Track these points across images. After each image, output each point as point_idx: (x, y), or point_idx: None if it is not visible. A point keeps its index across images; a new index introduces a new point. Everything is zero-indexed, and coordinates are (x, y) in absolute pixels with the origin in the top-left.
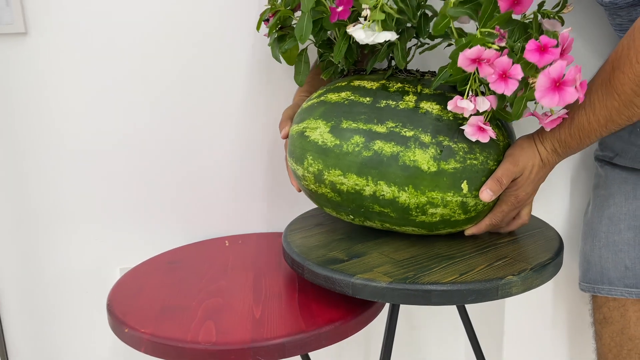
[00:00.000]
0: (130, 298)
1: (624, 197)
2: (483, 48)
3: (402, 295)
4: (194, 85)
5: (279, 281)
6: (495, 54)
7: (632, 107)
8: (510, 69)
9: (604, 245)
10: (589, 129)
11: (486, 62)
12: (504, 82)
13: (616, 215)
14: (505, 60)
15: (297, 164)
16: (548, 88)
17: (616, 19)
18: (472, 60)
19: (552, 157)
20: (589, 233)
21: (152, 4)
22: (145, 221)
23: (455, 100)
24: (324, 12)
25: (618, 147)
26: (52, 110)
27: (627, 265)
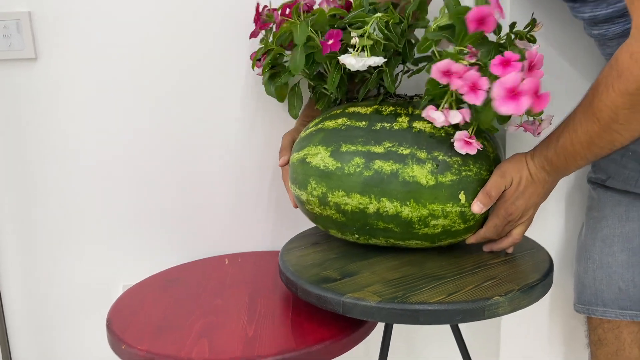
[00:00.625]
0: (128, 315)
1: (617, 220)
2: (452, 61)
3: (390, 314)
4: (196, 108)
5: (274, 299)
6: (465, 67)
7: (612, 133)
8: (478, 80)
9: (597, 267)
10: (572, 151)
11: (456, 76)
12: (474, 93)
13: (609, 238)
14: (473, 74)
15: (300, 189)
16: (504, 97)
17: (606, 49)
18: (444, 73)
19: (540, 173)
20: (583, 255)
21: (156, 31)
22: (149, 239)
23: (428, 110)
24: (315, 47)
25: (610, 170)
26: (61, 132)
27: (620, 287)
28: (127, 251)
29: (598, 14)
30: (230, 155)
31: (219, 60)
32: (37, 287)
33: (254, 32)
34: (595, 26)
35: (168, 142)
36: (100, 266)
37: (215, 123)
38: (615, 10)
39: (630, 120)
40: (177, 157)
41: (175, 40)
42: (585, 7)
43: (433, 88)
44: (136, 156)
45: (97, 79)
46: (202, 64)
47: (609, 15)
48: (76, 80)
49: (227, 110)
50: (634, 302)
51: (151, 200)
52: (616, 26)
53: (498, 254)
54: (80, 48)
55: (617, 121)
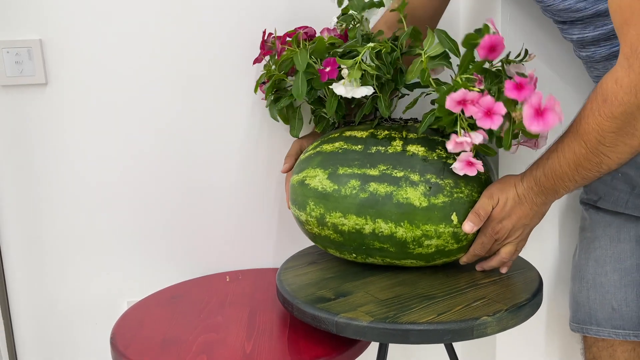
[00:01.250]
0: (132, 331)
1: (609, 240)
2: (467, 91)
3: (381, 334)
4: (200, 129)
5: (272, 317)
6: (479, 95)
7: (599, 155)
8: (494, 106)
9: (591, 286)
10: (560, 172)
11: (471, 103)
12: (490, 118)
13: (602, 258)
14: (489, 99)
15: (299, 210)
16: (533, 116)
17: (594, 71)
18: (458, 102)
19: (528, 194)
20: (577, 275)
21: (162, 55)
22: (152, 256)
23: (453, 140)
24: (314, 74)
25: (601, 191)
26: (68, 153)
27: (613, 307)
28: (132, 268)
29: (586, 36)
30: (233, 174)
31: (225, 83)
32: (43, 304)
33: (258, 58)
34: (584, 48)
35: (172, 163)
36: (105, 283)
37: (219, 143)
38: (602, 33)
39: (616, 143)
40: (181, 176)
41: (182, 64)
42: (573, 29)
43: (445, 116)
44: (141, 175)
45: (104, 103)
46: (208, 86)
47: (596, 38)
48: (84, 104)
49: (231, 130)
50: (626, 322)
51: (155, 218)
52: (602, 49)
53: (489, 273)
54: (89, 74)
55: (604, 144)
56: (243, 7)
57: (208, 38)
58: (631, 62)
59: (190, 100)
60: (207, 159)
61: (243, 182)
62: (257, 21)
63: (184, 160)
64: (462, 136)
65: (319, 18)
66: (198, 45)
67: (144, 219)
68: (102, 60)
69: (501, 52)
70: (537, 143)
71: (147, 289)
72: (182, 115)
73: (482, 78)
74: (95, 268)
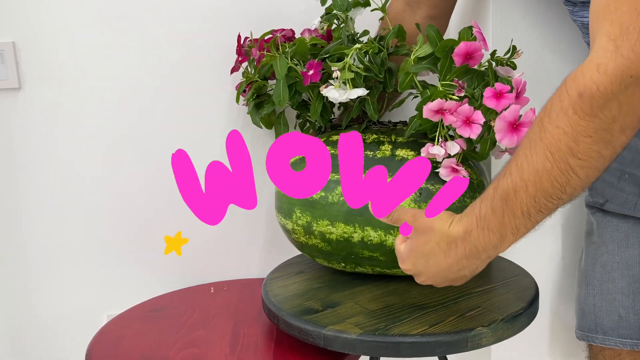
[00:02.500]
0: (109, 348)
1: (617, 245)
2: (444, 100)
3: (371, 347)
4: (181, 136)
5: (257, 330)
6: (456, 104)
7: (567, 172)
8: (472, 115)
9: (597, 293)
10: (514, 200)
11: (449, 112)
12: (469, 127)
13: (609, 264)
14: (467, 108)
15: (285, 218)
16: (506, 130)
17: None
18: (436, 112)
19: (461, 234)
20: (583, 281)
21: (139, 62)
22: (134, 268)
23: (427, 148)
24: (297, 77)
25: (608, 193)
26: (44, 160)
27: (620, 315)
28: (112, 280)
29: None
30: None
31: (205, 90)
32: (19, 317)
33: (235, 66)
34: None
35: (152, 171)
36: (84, 295)
37: (200, 152)
38: None
39: (590, 154)
40: (163, 184)
41: (160, 70)
42: (584, 11)
43: (424, 123)
44: (121, 184)
45: (80, 110)
46: (187, 93)
47: None
48: (59, 109)
49: (213, 138)
50: (634, 331)
51: (137, 228)
52: None
53: (484, 282)
54: (64, 78)
55: (576, 155)
56: (221, 11)
57: (186, 42)
58: (619, 43)
59: (169, 106)
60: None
61: None
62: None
63: (165, 169)
64: (436, 146)
65: (295, 20)
66: (176, 49)
67: (125, 229)
68: (77, 66)
69: (480, 58)
70: None
71: (128, 301)
72: (161, 122)
73: (463, 84)
74: (74, 280)
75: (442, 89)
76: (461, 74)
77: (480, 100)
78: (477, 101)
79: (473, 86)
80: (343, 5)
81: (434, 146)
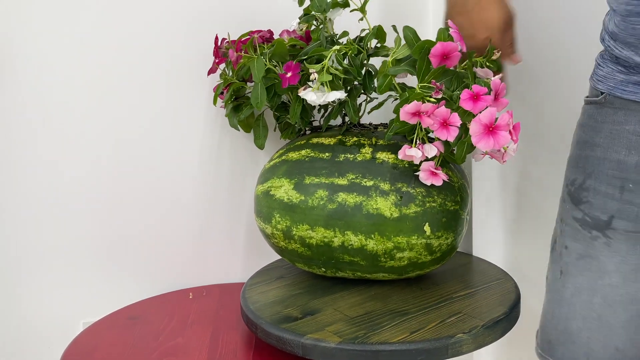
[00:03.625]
0: (82, 358)
1: (623, 279)
2: (421, 103)
3: (350, 356)
4: (158, 139)
5: (236, 338)
6: (433, 106)
7: None
8: (449, 117)
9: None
10: None
11: (425, 114)
12: (446, 129)
13: (611, 296)
14: (443, 110)
15: (265, 223)
16: (482, 133)
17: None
18: (413, 114)
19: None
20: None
21: (115, 60)
22: (111, 273)
23: (404, 150)
24: (276, 79)
25: (611, 208)
26: (20, 163)
27: (618, 348)
28: (88, 286)
29: None
30: (195, 186)
31: (182, 91)
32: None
33: (212, 68)
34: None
35: (130, 174)
36: (59, 302)
37: (178, 155)
38: None
39: None
40: (140, 188)
41: (138, 71)
42: None
43: (402, 126)
44: (97, 187)
45: (57, 111)
46: (165, 95)
47: None
48: (36, 110)
49: (191, 141)
50: None
51: (113, 232)
52: None
53: (465, 285)
54: (40, 78)
55: None
56: (200, 12)
57: (164, 43)
58: None
59: (146, 110)
60: (167, 170)
61: (206, 193)
62: (212, 26)
63: (143, 172)
64: (414, 148)
65: (274, 20)
66: (154, 50)
67: (102, 233)
68: (54, 65)
69: (457, 58)
70: (504, 156)
71: (105, 307)
72: (139, 124)
73: (441, 86)
74: (49, 286)
75: (419, 91)
76: (438, 76)
77: (457, 103)
78: (455, 103)
79: (452, 88)
80: (321, 7)
81: (411, 148)
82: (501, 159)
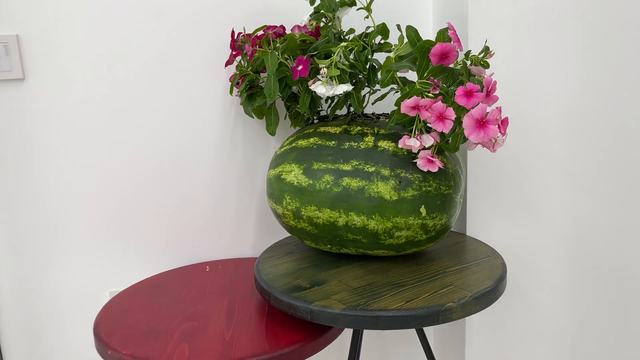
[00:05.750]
0: (114, 322)
1: None
2: (420, 97)
3: (353, 320)
4: (179, 123)
5: (250, 305)
6: (431, 101)
7: None
8: (445, 111)
9: None
10: None
11: (424, 108)
12: (442, 122)
13: None
14: (440, 105)
15: (276, 204)
16: (473, 126)
17: None
18: (412, 108)
19: None
20: None
21: (138, 51)
22: (134, 247)
23: (404, 140)
24: (287, 71)
25: None
26: (47, 145)
27: None
28: (114, 259)
29: None
30: (213, 169)
31: (201, 79)
32: (27, 294)
33: (229, 60)
34: None
35: (153, 155)
36: (88, 273)
37: (197, 141)
38: None
39: None
40: (162, 167)
41: (158, 62)
42: None
43: (401, 117)
44: (122, 167)
45: (81, 98)
46: (184, 83)
47: None
48: (61, 98)
49: (208, 126)
50: None
51: (137, 210)
52: None
53: (457, 262)
54: (65, 69)
55: None
56: (217, 6)
57: (183, 36)
58: None
59: (166, 96)
60: (186, 155)
61: (221, 176)
62: (230, 20)
63: (164, 155)
64: (413, 138)
65: (287, 14)
66: (174, 42)
67: (125, 211)
68: (78, 56)
69: (454, 57)
70: (494, 145)
71: (128, 279)
72: (159, 111)
73: (438, 82)
74: (79, 259)
75: (419, 86)
76: (437, 73)
77: (452, 98)
78: (451, 98)
79: (448, 84)
80: (330, 6)
81: (410, 138)
82: (492, 148)
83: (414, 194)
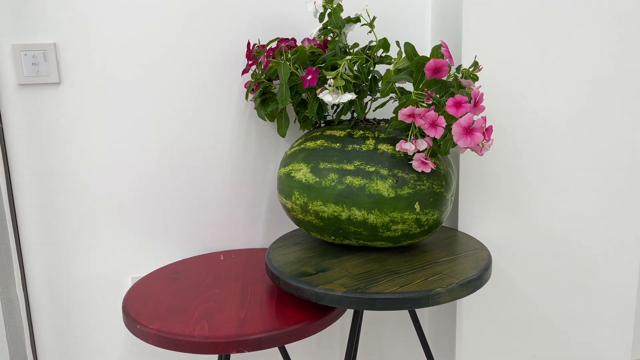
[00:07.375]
0: (141, 301)
1: None
2: (415, 107)
3: (353, 302)
4: (197, 124)
5: (262, 289)
6: (424, 110)
7: None
8: (437, 119)
9: None
10: None
11: (418, 116)
12: (434, 129)
13: None
14: (432, 114)
15: (286, 199)
16: (461, 133)
17: None
18: (408, 116)
19: None
20: None
21: (165, 59)
22: (154, 237)
23: (401, 143)
24: (298, 80)
25: None
26: (79, 142)
27: None
28: (135, 247)
29: None
30: (227, 166)
31: (220, 84)
32: (57, 278)
33: (245, 69)
34: None
35: (172, 153)
36: (112, 260)
37: (215, 140)
38: None
39: None
40: (181, 166)
41: (182, 69)
42: None
43: (399, 124)
44: (144, 166)
45: (112, 100)
46: (205, 88)
47: None
48: (93, 101)
49: (225, 128)
50: None
51: (157, 203)
52: None
53: (449, 253)
54: (98, 74)
55: None
56: (234, 19)
57: (205, 45)
58: None
59: (191, 100)
60: (203, 154)
61: (237, 173)
62: (247, 31)
63: (183, 155)
64: (408, 142)
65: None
66: (197, 51)
67: (147, 204)
68: (110, 63)
69: (446, 72)
70: (482, 150)
71: (149, 266)
72: (183, 112)
73: (432, 94)
74: (104, 247)
75: (414, 97)
76: (430, 85)
77: (444, 108)
78: (442, 108)
79: (440, 95)
80: (337, 24)
81: (406, 142)
82: (479, 152)
83: (409, 191)
